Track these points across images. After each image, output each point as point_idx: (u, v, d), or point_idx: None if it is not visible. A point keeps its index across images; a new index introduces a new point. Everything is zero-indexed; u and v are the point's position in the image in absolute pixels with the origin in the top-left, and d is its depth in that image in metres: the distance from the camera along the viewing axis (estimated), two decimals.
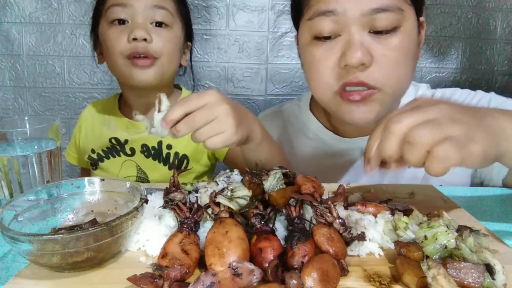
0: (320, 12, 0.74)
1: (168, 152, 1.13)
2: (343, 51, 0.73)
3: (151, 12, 1.01)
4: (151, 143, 1.12)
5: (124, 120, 1.15)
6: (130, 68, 1.01)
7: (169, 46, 1.04)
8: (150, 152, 1.13)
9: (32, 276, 0.49)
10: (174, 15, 1.06)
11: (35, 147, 0.68)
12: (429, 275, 0.43)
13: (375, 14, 0.71)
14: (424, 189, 0.77)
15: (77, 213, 0.59)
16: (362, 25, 0.72)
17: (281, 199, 0.55)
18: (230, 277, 0.44)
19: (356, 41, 0.72)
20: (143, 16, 1.00)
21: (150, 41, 1.00)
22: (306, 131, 0.99)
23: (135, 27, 0.99)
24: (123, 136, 1.13)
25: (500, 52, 1.70)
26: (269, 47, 1.67)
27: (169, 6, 1.04)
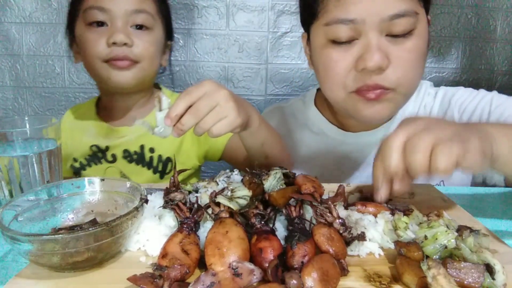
0: (339, 20, 0.75)
1: (151, 156, 1.10)
2: (360, 55, 0.75)
3: (131, 16, 0.98)
4: (133, 147, 1.09)
5: (104, 126, 1.11)
6: (108, 70, 0.98)
7: (150, 50, 1.01)
8: (132, 157, 1.10)
9: (32, 276, 0.48)
10: (155, 17, 1.03)
11: (35, 147, 0.68)
12: (429, 275, 0.43)
13: (393, 20, 0.72)
14: (424, 189, 0.77)
15: (77, 213, 0.59)
16: (380, 30, 0.74)
17: (281, 199, 0.55)
18: (230, 277, 0.44)
19: (374, 45, 0.73)
20: (123, 20, 0.97)
21: (130, 45, 0.97)
22: (310, 126, 1.00)
23: (114, 30, 0.96)
24: (103, 143, 1.09)
25: (500, 52, 1.70)
26: (269, 47, 1.67)
27: (149, 8, 1.01)
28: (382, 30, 0.74)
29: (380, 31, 0.74)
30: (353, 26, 0.74)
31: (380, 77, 0.75)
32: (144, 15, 0.99)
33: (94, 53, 0.97)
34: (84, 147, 1.11)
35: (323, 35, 0.78)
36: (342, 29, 0.75)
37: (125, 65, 0.98)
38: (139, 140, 1.09)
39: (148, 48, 1.00)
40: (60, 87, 1.69)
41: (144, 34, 1.00)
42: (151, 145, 1.10)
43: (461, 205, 0.70)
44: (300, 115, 1.03)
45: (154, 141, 1.09)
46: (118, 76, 0.99)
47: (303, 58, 1.68)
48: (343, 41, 0.76)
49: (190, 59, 1.66)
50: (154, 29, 1.02)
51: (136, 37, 0.98)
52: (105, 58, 0.97)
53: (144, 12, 0.99)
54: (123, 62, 0.98)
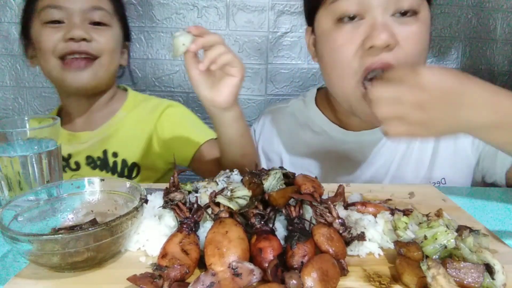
0: None
1: (114, 160, 1.06)
2: (367, 34, 0.74)
3: (88, 13, 0.97)
4: (95, 153, 1.06)
5: (65, 133, 1.06)
6: (62, 71, 0.97)
7: (110, 44, 1.00)
8: (96, 163, 1.06)
9: (32, 276, 0.49)
10: (112, 15, 1.02)
11: (35, 147, 0.68)
12: (428, 275, 0.43)
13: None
14: (424, 189, 0.77)
15: (77, 213, 0.59)
16: (386, 8, 0.74)
17: (281, 199, 0.55)
18: (230, 277, 0.44)
19: (381, 22, 0.74)
20: (80, 17, 0.96)
21: (89, 40, 0.96)
22: (311, 125, 1.00)
23: (72, 27, 0.95)
24: (65, 151, 1.05)
25: (500, 52, 1.70)
26: (269, 47, 1.67)
27: (106, 6, 1.01)
28: (387, 8, 0.74)
29: (386, 8, 0.74)
30: (359, 1, 0.74)
31: (388, 55, 0.74)
32: (101, 12, 0.99)
33: (50, 49, 0.95)
34: None
35: (331, 16, 0.78)
36: (348, 3, 0.75)
37: (80, 65, 0.97)
38: (102, 145, 1.06)
39: (108, 43, 1.00)
40: None
41: (103, 30, 0.99)
42: (114, 150, 1.06)
43: (461, 205, 0.70)
44: (301, 115, 1.03)
45: (117, 145, 1.06)
46: (73, 78, 0.97)
47: (303, 58, 1.68)
48: (350, 18, 0.76)
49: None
50: (112, 26, 1.02)
51: (95, 33, 0.97)
52: (61, 54, 0.95)
53: (101, 9, 0.99)
54: (78, 63, 0.96)
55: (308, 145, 1.00)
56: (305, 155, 1.00)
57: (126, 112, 1.10)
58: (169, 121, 1.09)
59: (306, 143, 1.00)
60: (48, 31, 0.96)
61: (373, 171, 0.94)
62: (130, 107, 1.11)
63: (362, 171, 0.95)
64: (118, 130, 1.07)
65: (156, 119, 1.09)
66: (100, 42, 0.98)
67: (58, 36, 0.95)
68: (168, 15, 1.64)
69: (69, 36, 0.94)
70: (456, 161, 0.92)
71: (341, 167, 0.96)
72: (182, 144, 1.06)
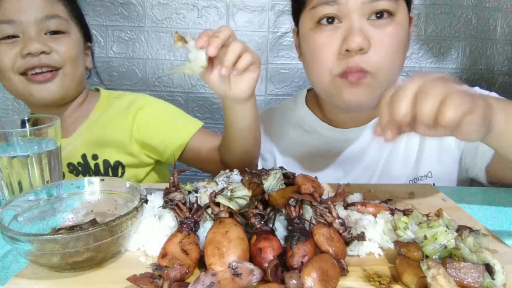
0: (323, 1, 0.80)
1: (96, 163, 1.04)
2: (344, 37, 0.79)
3: (43, 23, 0.92)
4: (75, 159, 1.03)
5: None
6: (28, 85, 0.93)
7: (71, 53, 0.96)
8: (78, 169, 1.04)
9: (32, 276, 0.49)
10: (69, 20, 0.98)
11: (35, 147, 0.68)
12: (428, 275, 0.43)
13: (374, 2, 0.78)
14: (424, 189, 0.77)
15: (77, 213, 0.59)
16: (362, 12, 0.78)
17: (281, 199, 0.55)
18: (229, 277, 0.44)
19: (356, 27, 0.78)
20: (35, 28, 0.91)
21: (48, 52, 0.92)
22: (302, 124, 1.03)
23: (28, 41, 0.90)
24: None
25: (500, 52, 1.70)
26: (269, 47, 1.67)
27: (61, 12, 0.96)
28: (364, 13, 0.78)
29: (362, 13, 0.78)
30: (337, 7, 0.79)
31: (362, 59, 0.79)
32: (56, 20, 0.94)
33: (9, 67, 0.92)
34: None
35: (311, 20, 0.83)
36: (327, 9, 0.80)
37: (46, 78, 0.93)
38: (79, 149, 1.04)
39: (68, 52, 0.96)
40: None
41: (61, 38, 0.95)
42: (93, 152, 1.04)
43: (461, 205, 0.70)
44: (292, 115, 1.06)
45: (94, 148, 1.04)
46: (40, 91, 0.94)
47: None
48: (329, 22, 0.81)
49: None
50: (70, 32, 0.97)
51: (53, 43, 0.93)
52: (21, 70, 0.92)
53: (56, 17, 0.94)
54: (43, 76, 0.93)
55: (299, 143, 1.02)
56: (297, 154, 1.02)
57: (99, 113, 1.07)
58: (149, 117, 1.06)
59: (297, 142, 1.02)
60: (3, 47, 0.91)
61: (363, 166, 0.96)
62: (104, 106, 1.08)
63: (352, 167, 0.97)
64: (93, 132, 1.04)
65: (132, 115, 1.05)
66: (60, 52, 0.94)
67: (15, 52, 0.91)
68: (168, 15, 1.64)
69: (26, 51, 0.90)
70: (441, 155, 0.94)
71: (332, 164, 0.98)
72: (170, 139, 1.03)
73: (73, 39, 0.98)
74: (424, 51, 1.69)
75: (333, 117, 0.98)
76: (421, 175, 0.94)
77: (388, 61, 0.81)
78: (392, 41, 0.80)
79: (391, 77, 0.84)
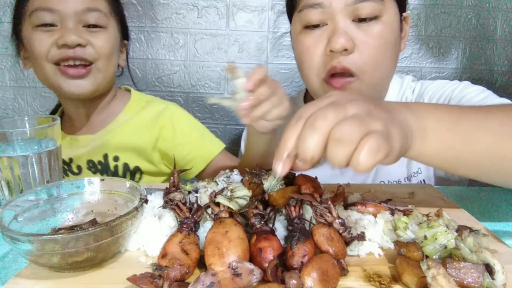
0: (309, 4, 0.81)
1: (116, 165, 1.04)
2: (329, 39, 0.80)
3: (83, 15, 0.91)
4: (96, 157, 1.04)
5: (66, 138, 1.05)
6: (59, 76, 0.92)
7: (106, 48, 0.95)
8: (97, 168, 1.04)
9: (32, 276, 0.49)
10: (108, 15, 0.97)
11: (35, 147, 0.68)
12: (428, 275, 0.43)
13: (358, 4, 0.78)
14: (424, 189, 0.77)
15: (77, 213, 0.59)
16: (346, 14, 0.79)
17: (281, 199, 0.55)
18: (230, 277, 0.44)
19: (340, 28, 0.78)
20: (74, 20, 0.90)
21: (84, 45, 0.91)
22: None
23: (65, 32, 0.89)
24: (67, 155, 1.03)
25: (500, 52, 1.70)
26: (269, 47, 1.67)
27: (102, 6, 0.95)
28: (348, 14, 0.79)
29: (346, 15, 0.79)
30: (321, 10, 0.80)
31: (346, 60, 0.79)
32: (96, 14, 0.93)
33: (43, 55, 0.91)
34: None
35: (298, 22, 0.85)
36: (312, 13, 0.81)
37: (80, 74, 0.92)
38: (102, 149, 1.04)
39: (104, 47, 0.94)
40: None
41: (98, 33, 0.94)
42: (115, 154, 1.04)
43: (461, 205, 0.70)
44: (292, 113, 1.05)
45: (117, 149, 1.04)
46: (71, 86, 0.93)
47: None
48: (315, 25, 0.82)
49: (190, 59, 1.66)
50: (108, 27, 0.96)
51: (90, 37, 0.92)
52: (55, 60, 0.91)
53: (96, 11, 0.93)
54: (77, 71, 0.92)
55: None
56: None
57: (129, 115, 1.07)
58: (176, 131, 1.06)
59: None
60: (40, 35, 0.91)
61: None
62: (133, 110, 1.08)
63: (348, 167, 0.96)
64: (118, 133, 1.05)
65: (160, 126, 1.05)
66: (96, 46, 0.93)
67: (51, 40, 0.90)
68: (168, 15, 1.64)
69: (63, 42, 0.89)
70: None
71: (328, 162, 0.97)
72: (193, 157, 1.05)
73: (110, 35, 0.97)
74: (424, 51, 1.69)
75: None
76: (413, 171, 0.94)
77: (374, 62, 0.80)
78: (378, 42, 0.80)
79: (378, 79, 0.84)
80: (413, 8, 1.64)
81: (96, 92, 0.99)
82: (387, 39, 0.81)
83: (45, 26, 0.91)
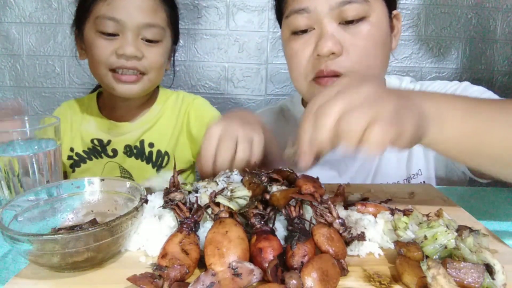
0: (294, 10, 0.81)
1: (150, 151, 1.12)
2: (316, 43, 0.80)
3: (142, 29, 0.98)
4: (133, 143, 1.12)
5: (106, 122, 1.13)
6: (113, 81, 1.00)
7: (159, 62, 1.03)
8: (132, 152, 1.12)
9: (32, 276, 0.49)
10: (166, 27, 1.03)
11: (35, 147, 0.68)
12: (429, 275, 0.43)
13: (342, 7, 0.77)
14: (424, 189, 0.77)
15: (77, 213, 0.59)
16: (332, 17, 0.79)
17: (283, 199, 0.55)
18: (230, 277, 0.44)
19: (327, 32, 0.79)
20: (134, 33, 0.97)
21: (140, 57, 0.98)
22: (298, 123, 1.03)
23: (125, 42, 0.96)
24: (105, 138, 1.11)
25: (500, 52, 1.70)
26: (269, 47, 1.67)
27: (161, 21, 1.01)
28: (334, 18, 0.79)
29: (332, 18, 0.79)
30: (307, 15, 0.80)
31: (334, 63, 0.79)
32: (155, 30, 1.00)
33: (102, 61, 0.98)
34: (84, 139, 1.12)
35: (287, 28, 0.86)
36: (298, 18, 0.81)
37: (131, 80, 1.00)
38: (140, 135, 1.12)
39: (157, 60, 1.02)
40: (60, 87, 1.69)
41: (154, 47, 1.01)
42: (151, 140, 1.12)
43: (461, 205, 0.70)
44: (288, 113, 1.07)
45: (153, 136, 1.13)
46: (123, 89, 1.01)
47: None
48: (302, 31, 0.82)
49: (190, 59, 1.66)
50: (163, 41, 1.03)
51: (146, 50, 0.99)
52: (112, 67, 0.98)
53: (155, 27, 1.00)
54: (129, 77, 0.99)
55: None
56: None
57: (159, 106, 1.16)
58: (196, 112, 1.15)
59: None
60: (102, 42, 0.98)
61: (358, 166, 0.97)
62: (162, 101, 1.17)
63: (347, 166, 0.97)
64: (154, 123, 1.14)
65: (185, 110, 1.16)
66: (150, 59, 1.00)
67: (111, 49, 0.97)
68: None
69: (122, 53, 0.96)
70: (427, 152, 0.95)
71: (328, 163, 0.98)
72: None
73: (163, 48, 1.04)
74: (424, 51, 1.69)
75: None
76: (413, 173, 0.95)
77: (363, 63, 0.80)
78: (366, 43, 0.79)
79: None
80: (413, 8, 1.64)
81: (143, 94, 1.08)
82: (375, 39, 0.80)
83: (107, 35, 0.97)
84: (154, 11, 1.00)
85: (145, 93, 1.07)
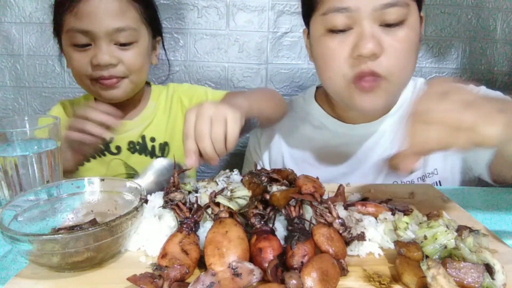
0: (335, 8, 0.79)
1: (152, 145, 1.14)
2: (355, 43, 0.79)
3: (113, 35, 0.97)
4: (136, 138, 1.14)
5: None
6: (97, 87, 1.00)
7: (137, 64, 1.01)
8: (135, 148, 1.14)
9: (32, 276, 0.49)
10: (139, 27, 1.01)
11: (35, 147, 0.68)
12: (428, 275, 0.43)
13: (385, 9, 0.77)
14: (424, 189, 0.77)
15: (77, 213, 0.59)
16: (373, 18, 0.78)
17: (283, 199, 0.55)
18: (229, 277, 0.44)
19: (368, 33, 0.78)
20: (105, 40, 0.96)
21: (116, 64, 0.97)
22: (311, 119, 1.04)
23: (98, 51, 0.96)
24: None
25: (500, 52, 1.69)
26: (269, 47, 1.67)
27: (132, 21, 0.99)
28: (375, 19, 0.78)
29: (373, 19, 0.78)
30: (348, 14, 0.78)
31: (374, 64, 0.79)
32: (126, 33, 0.98)
33: (81, 72, 0.99)
34: None
35: (321, 25, 0.83)
36: (338, 17, 0.79)
37: (113, 83, 0.99)
38: (141, 131, 1.14)
39: (134, 63, 1.01)
40: (60, 87, 1.69)
41: (129, 49, 1.00)
42: (151, 135, 1.14)
43: (461, 205, 0.70)
44: (301, 111, 1.07)
45: (153, 131, 1.15)
46: (108, 94, 1.01)
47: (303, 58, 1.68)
48: (340, 30, 0.81)
49: (190, 59, 1.65)
50: (139, 40, 1.01)
51: (121, 54, 0.98)
52: (91, 77, 0.99)
53: (126, 30, 0.98)
54: (110, 81, 0.99)
55: (308, 139, 1.03)
56: (305, 149, 1.03)
57: (154, 102, 1.17)
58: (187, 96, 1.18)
59: (306, 137, 1.03)
60: (76, 55, 0.98)
61: (371, 163, 0.96)
62: (156, 96, 1.19)
63: (360, 163, 0.97)
64: (152, 118, 1.15)
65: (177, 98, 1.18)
66: (127, 62, 0.99)
67: (87, 60, 0.97)
68: (168, 15, 1.64)
69: (96, 63, 0.95)
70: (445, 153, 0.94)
71: (340, 159, 0.99)
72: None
73: (140, 48, 1.02)
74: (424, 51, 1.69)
75: (343, 114, 0.98)
76: (428, 172, 0.94)
77: (401, 65, 0.81)
78: (404, 46, 0.80)
79: (404, 80, 0.85)
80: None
81: (129, 96, 1.07)
82: (411, 42, 0.81)
83: (80, 46, 0.98)
84: (123, 13, 0.98)
85: (130, 94, 1.06)
